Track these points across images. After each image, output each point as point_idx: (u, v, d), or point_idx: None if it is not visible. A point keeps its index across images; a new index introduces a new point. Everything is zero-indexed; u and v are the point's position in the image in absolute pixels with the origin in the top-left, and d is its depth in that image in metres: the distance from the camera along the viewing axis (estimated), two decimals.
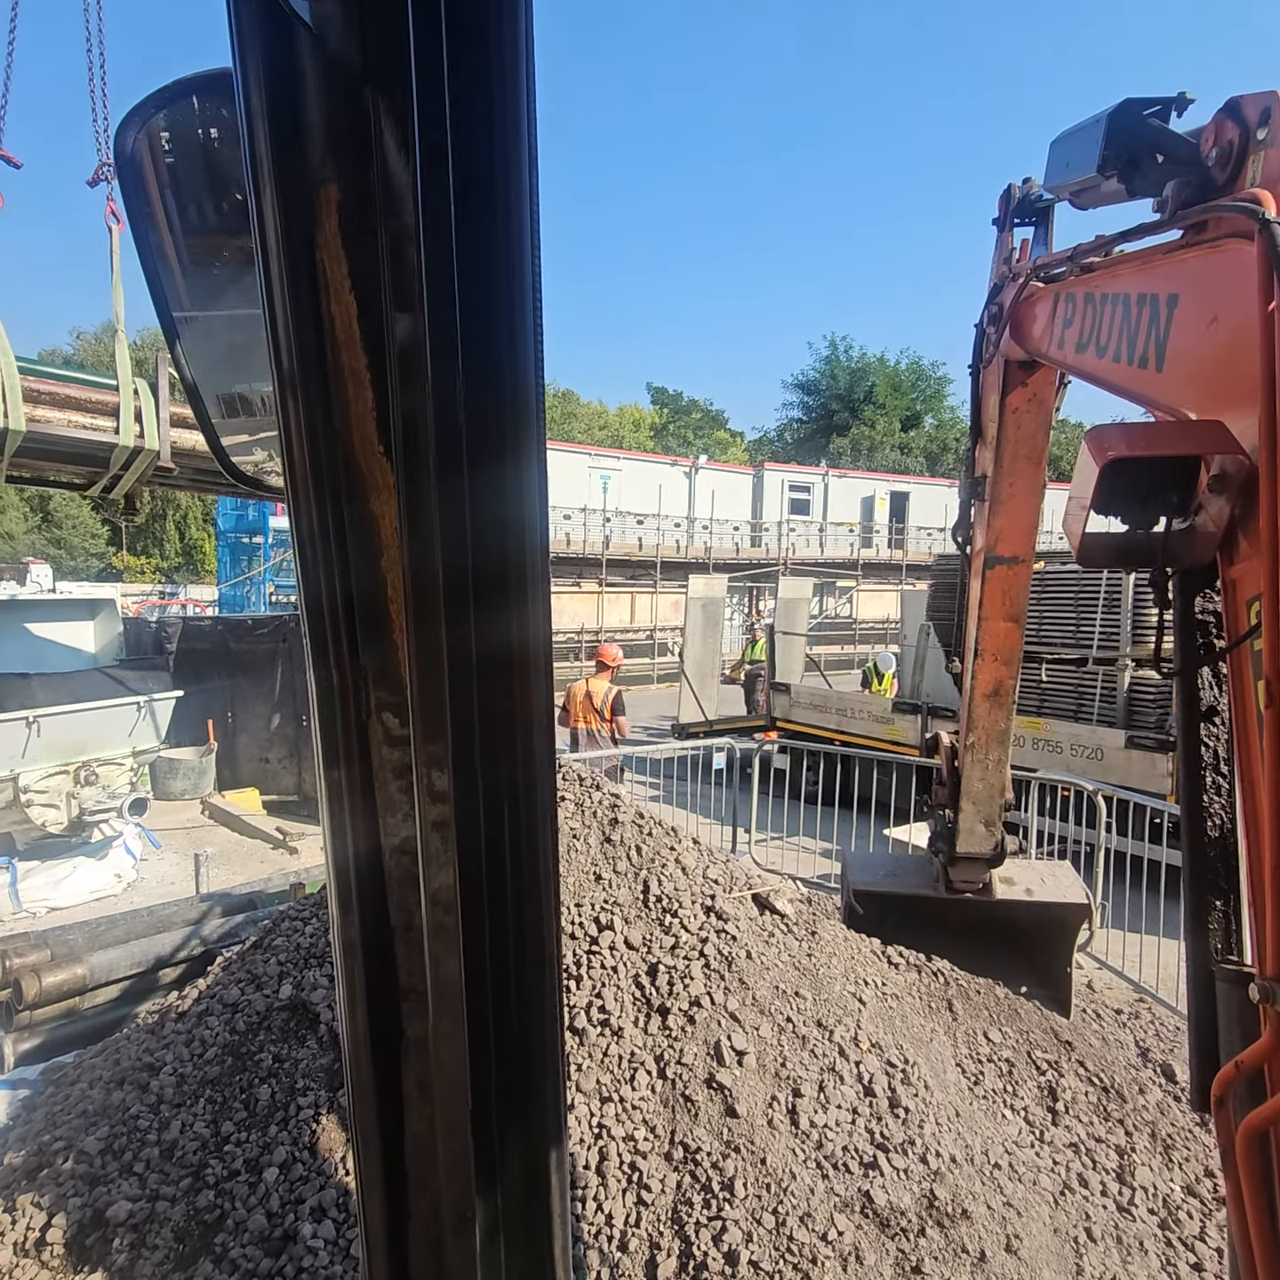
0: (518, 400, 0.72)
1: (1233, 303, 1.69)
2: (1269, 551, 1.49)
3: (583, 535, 27.92)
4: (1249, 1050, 1.54)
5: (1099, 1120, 4.42)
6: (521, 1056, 0.86)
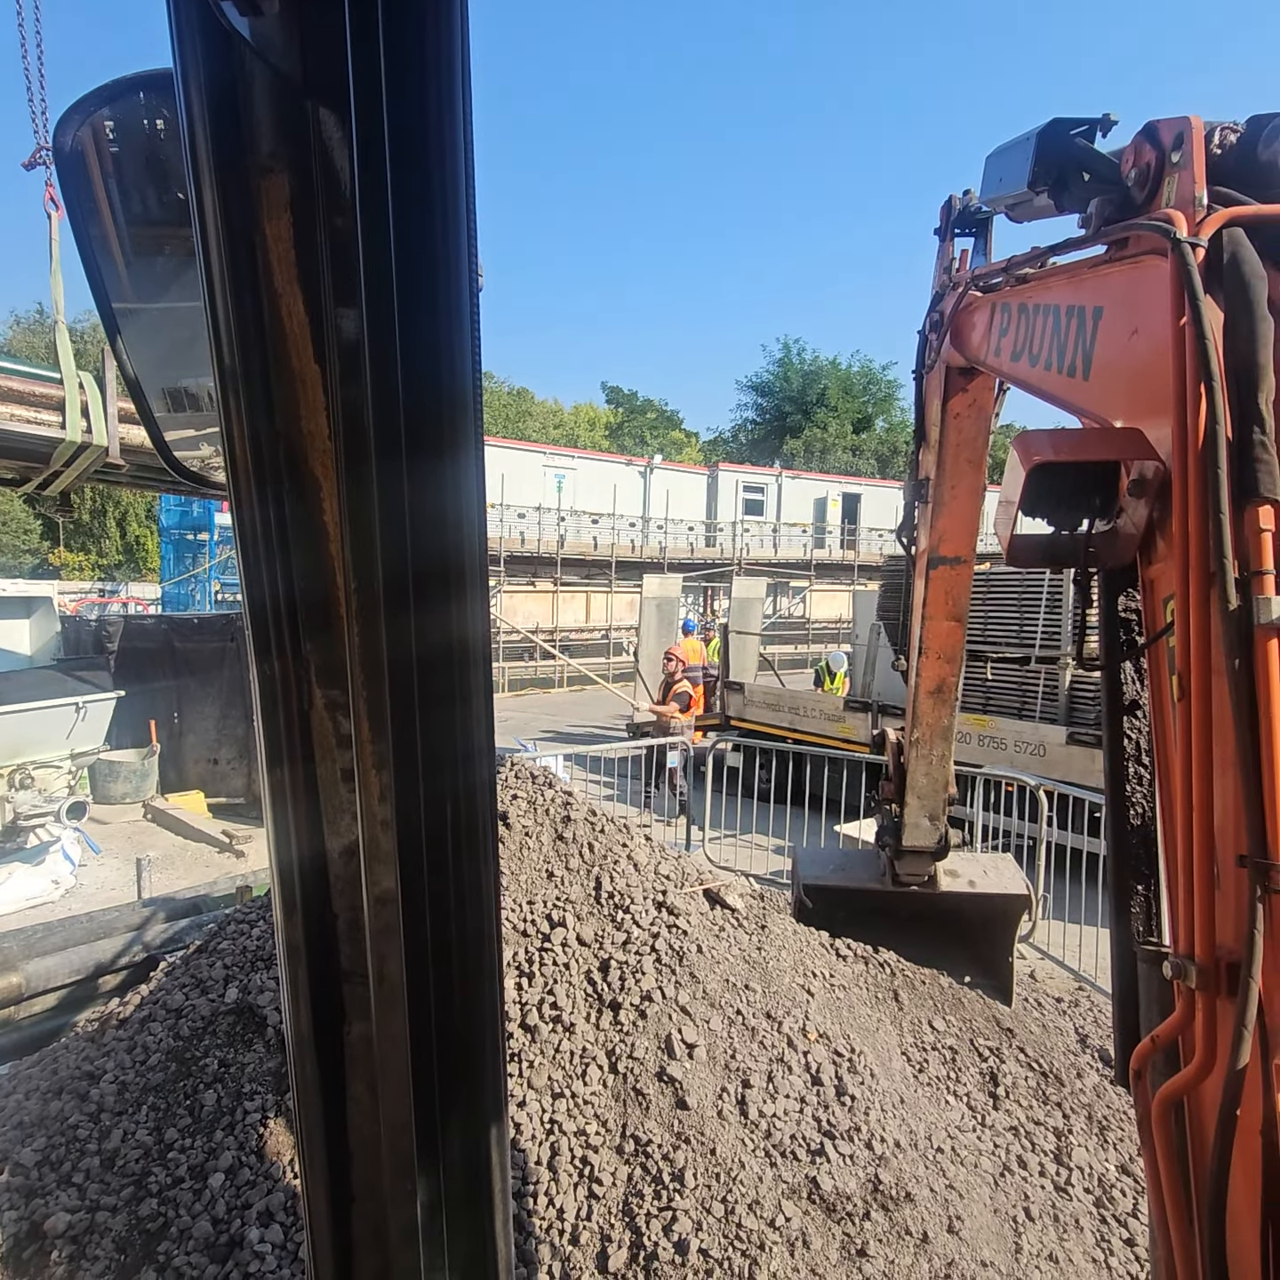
0: (455, 397, 0.75)
1: (1150, 316, 1.78)
2: (1180, 553, 1.57)
3: (538, 534, 27.82)
4: (1164, 1024, 1.63)
5: (1038, 1104, 4.57)
6: (462, 1040, 0.89)
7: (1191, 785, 1.55)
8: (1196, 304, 1.52)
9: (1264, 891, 1.38)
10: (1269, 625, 1.42)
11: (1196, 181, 1.69)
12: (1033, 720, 10.68)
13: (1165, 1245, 1.59)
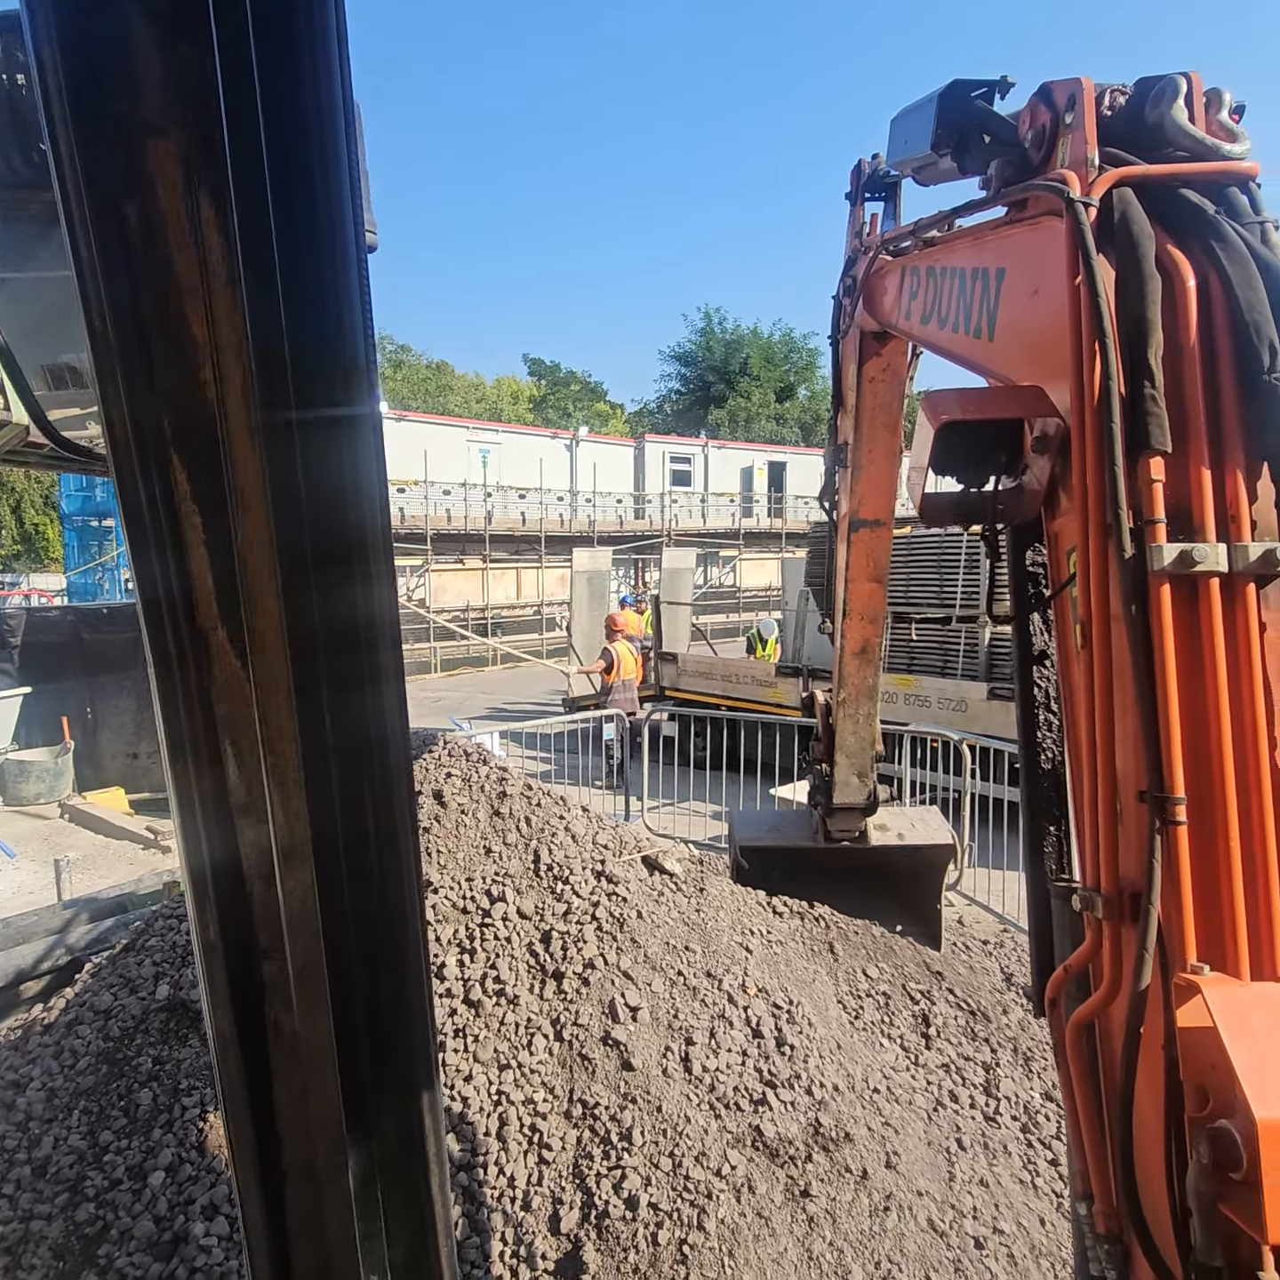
0: (346, 359, 0.72)
1: (1049, 276, 1.83)
2: (1080, 506, 1.64)
3: (464, 511, 27.32)
4: (1074, 954, 1.72)
5: (967, 1041, 4.79)
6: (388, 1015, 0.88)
7: (1095, 728, 1.63)
8: (1090, 263, 1.57)
9: (1162, 824, 1.47)
10: (1161, 572, 1.50)
11: (1089, 142, 1.74)
12: (955, 678, 11.03)
13: (1081, 1158, 1.69)
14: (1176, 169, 1.66)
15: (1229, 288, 1.52)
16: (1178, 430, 1.53)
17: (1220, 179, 1.65)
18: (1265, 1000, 1.38)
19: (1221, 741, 1.48)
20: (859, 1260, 3.27)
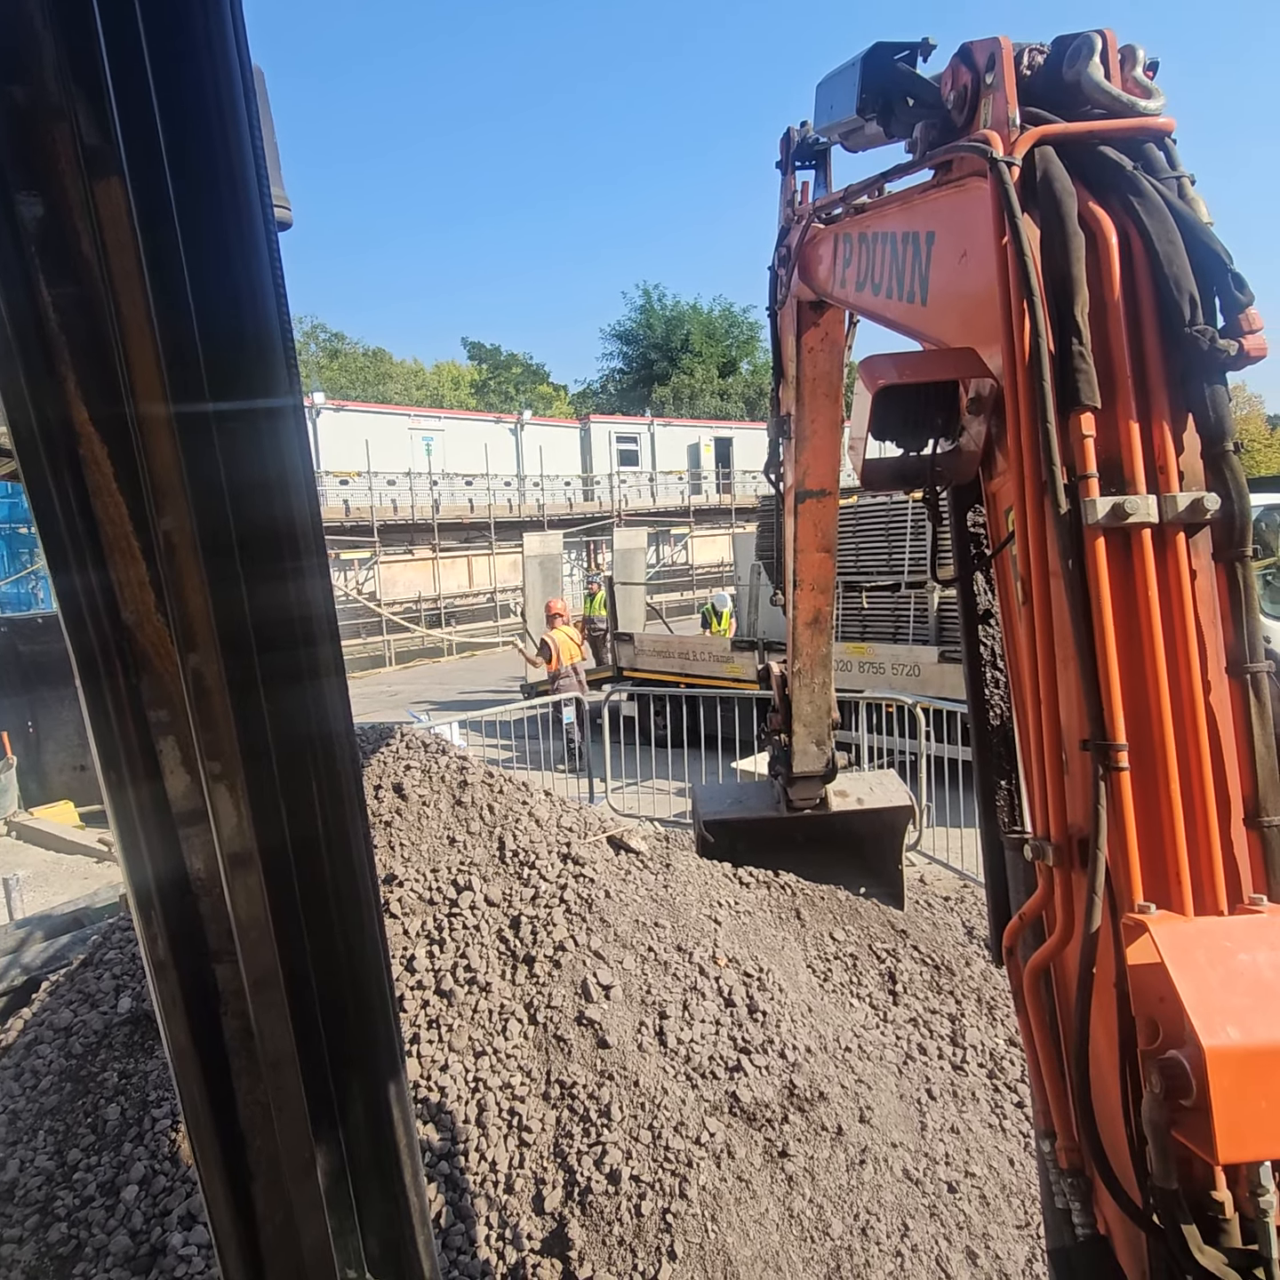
0: (264, 353, 0.69)
1: (976, 238, 1.85)
2: (1015, 464, 1.66)
3: (410, 500, 26.88)
4: (1028, 903, 1.77)
5: (933, 994, 4.92)
6: (349, 1010, 0.87)
7: (1039, 681, 1.67)
8: (1015, 222, 1.58)
9: (1105, 771, 1.51)
10: (1095, 525, 1.53)
11: (1009, 102, 1.75)
12: (906, 643, 11.22)
13: (1042, 1097, 1.75)
14: (1095, 126, 1.68)
15: (1149, 243, 1.55)
16: (1106, 385, 1.56)
17: (1137, 135, 1.68)
18: (1208, 934, 1.43)
19: (1159, 688, 1.52)
20: (838, 1214, 3.36)
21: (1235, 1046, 1.28)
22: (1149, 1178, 1.41)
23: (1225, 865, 1.50)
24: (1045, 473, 1.54)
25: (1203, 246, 1.54)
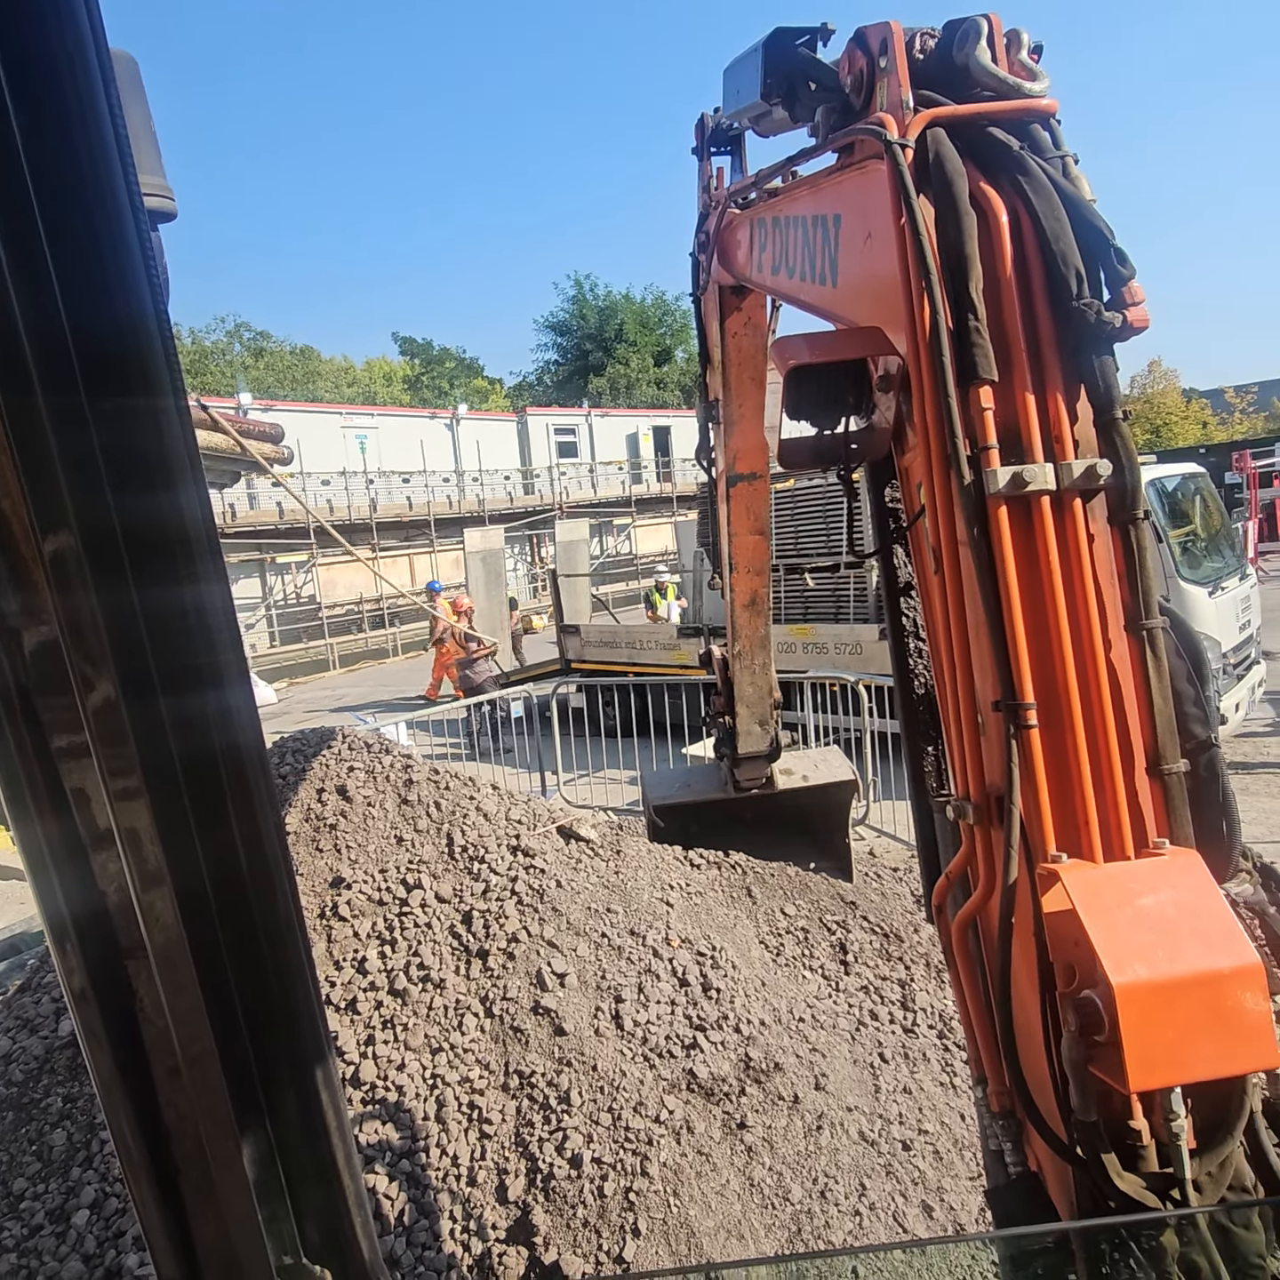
0: (138, 349, 0.68)
1: (878, 219, 1.89)
2: (923, 439, 1.72)
3: (347, 501, 26.40)
4: (953, 861, 1.84)
5: (883, 962, 5.05)
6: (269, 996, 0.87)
7: (953, 647, 1.73)
8: (910, 203, 1.63)
9: (1016, 730, 1.57)
10: (997, 494, 1.59)
11: (902, 86, 1.79)
12: (848, 622, 11.41)
13: (974, 1046, 1.82)
14: (983, 108, 1.73)
15: (1037, 220, 1.61)
16: (1002, 359, 1.62)
17: (1023, 116, 1.74)
18: (1116, 878, 1.50)
19: (1062, 648, 1.59)
20: (798, 1180, 3.44)
21: (1142, 982, 1.35)
22: (1071, 1113, 1.49)
23: (1130, 813, 1.58)
24: (949, 445, 1.60)
25: (1087, 223, 1.60)
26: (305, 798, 4.29)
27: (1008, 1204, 1.72)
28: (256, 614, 24.71)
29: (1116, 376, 1.62)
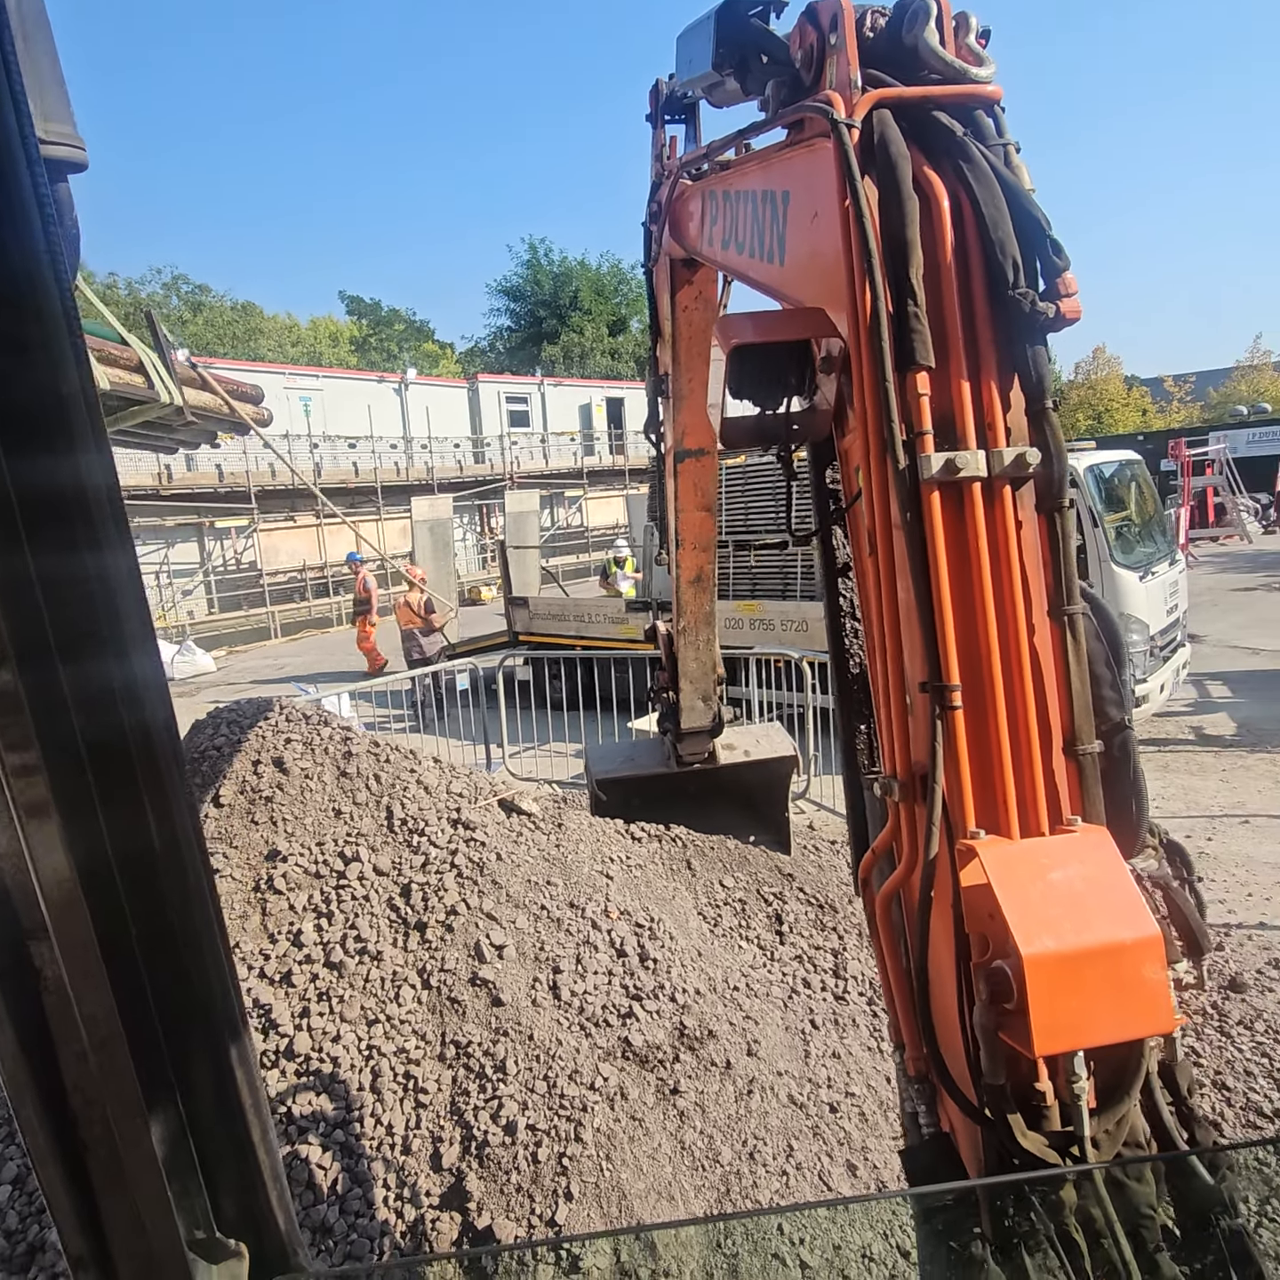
0: (31, 301, 0.65)
1: (825, 199, 1.89)
2: (861, 422, 1.73)
3: (290, 464, 25.65)
4: (879, 836, 1.89)
5: (817, 932, 5.18)
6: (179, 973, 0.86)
7: (884, 628, 1.77)
8: (854, 184, 1.63)
9: (941, 710, 1.62)
10: (931, 479, 1.61)
11: (851, 64, 1.78)
12: (795, 600, 11.54)
13: (893, 1011, 1.89)
14: (929, 91, 1.73)
15: (977, 208, 1.63)
16: (939, 346, 1.64)
17: (968, 102, 1.74)
18: (1029, 854, 1.56)
19: (988, 631, 1.63)
20: (728, 1142, 3.54)
21: (1049, 953, 1.41)
22: (981, 1077, 1.55)
23: (1047, 791, 1.64)
24: (885, 429, 1.62)
25: (1025, 212, 1.62)
26: (240, 769, 4.21)
27: (921, 1162, 1.80)
28: (194, 580, 24.00)
29: (1048, 366, 1.65)
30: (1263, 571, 20.42)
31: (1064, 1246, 1.47)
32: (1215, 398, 47.52)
